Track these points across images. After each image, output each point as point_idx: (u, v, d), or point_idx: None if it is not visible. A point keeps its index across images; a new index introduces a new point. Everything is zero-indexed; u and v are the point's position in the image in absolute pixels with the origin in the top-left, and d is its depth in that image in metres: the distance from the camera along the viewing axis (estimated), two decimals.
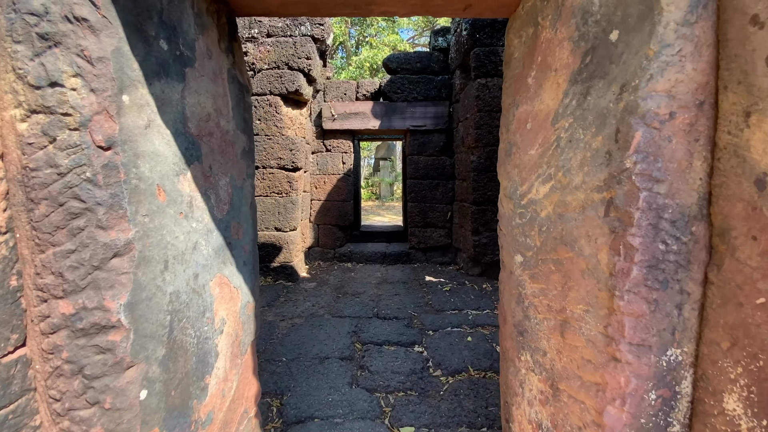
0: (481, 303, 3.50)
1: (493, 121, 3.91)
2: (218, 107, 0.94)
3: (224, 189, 0.95)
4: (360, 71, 12.92)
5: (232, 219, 1.00)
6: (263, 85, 3.97)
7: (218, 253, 0.94)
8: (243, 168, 1.06)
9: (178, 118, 0.79)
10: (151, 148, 0.72)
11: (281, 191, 4.09)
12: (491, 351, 2.58)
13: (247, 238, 1.09)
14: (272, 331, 2.95)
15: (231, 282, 1.00)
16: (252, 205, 1.12)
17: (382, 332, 2.89)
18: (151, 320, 0.71)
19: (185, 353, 0.81)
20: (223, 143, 0.96)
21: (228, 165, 0.98)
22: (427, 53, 4.95)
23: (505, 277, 1.18)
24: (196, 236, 0.84)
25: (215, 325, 0.93)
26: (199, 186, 0.85)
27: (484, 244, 4.08)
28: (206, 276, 0.89)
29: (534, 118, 0.98)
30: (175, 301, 0.78)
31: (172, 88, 0.78)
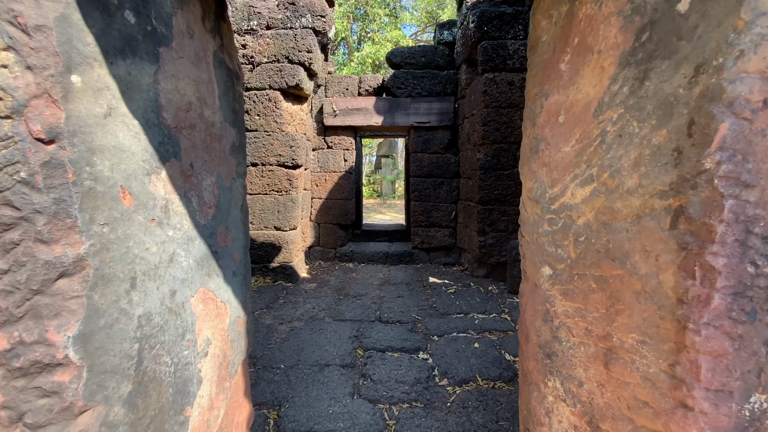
0: (488, 306, 3.37)
1: (500, 118, 3.77)
2: (202, 96, 0.81)
3: (209, 190, 0.82)
4: (362, 67, 12.76)
5: (218, 224, 0.87)
6: (262, 80, 3.83)
7: (201, 264, 0.81)
8: (232, 166, 0.93)
9: (150, 106, 0.66)
10: (113, 141, 0.59)
11: (281, 189, 3.96)
12: (500, 359, 2.46)
13: (237, 245, 0.96)
14: (270, 335, 2.82)
15: (217, 296, 0.88)
16: (243, 208, 0.99)
17: (385, 337, 2.77)
18: (113, 352, 0.59)
19: (159, 385, 0.69)
20: (208, 137, 0.83)
21: (214, 162, 0.85)
22: (432, 47, 4.80)
23: (529, 290, 1.05)
24: (172, 246, 0.71)
25: (198, 348, 0.80)
26: (177, 187, 0.72)
27: (490, 244, 3.95)
28: (186, 292, 0.76)
29: (568, 109, 0.84)
30: (146, 326, 0.65)
31: (142, 71, 0.65)
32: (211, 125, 0.84)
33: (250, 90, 3.87)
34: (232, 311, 0.95)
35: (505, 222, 3.91)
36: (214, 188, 0.85)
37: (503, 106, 3.75)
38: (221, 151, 0.88)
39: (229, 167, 0.91)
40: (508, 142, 3.81)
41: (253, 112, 3.87)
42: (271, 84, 3.83)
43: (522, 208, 1.08)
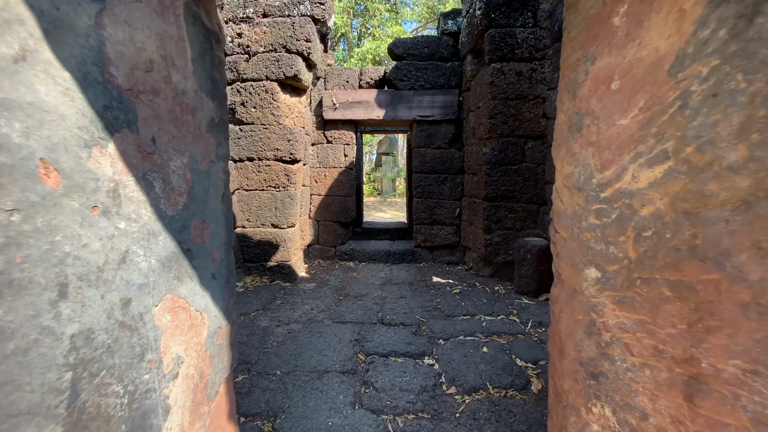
0: (495, 308, 3.21)
1: (508, 110, 3.60)
2: (168, 55, 0.64)
3: (178, 173, 0.66)
4: (362, 63, 12.57)
5: (191, 216, 0.70)
6: (259, 70, 3.66)
7: (168, 265, 0.65)
8: (210, 146, 0.76)
9: (90, 56, 0.50)
10: (28, 96, 0.42)
11: (278, 185, 3.79)
12: (511, 364, 2.30)
13: (218, 242, 0.80)
14: (266, 338, 2.66)
15: (191, 304, 0.71)
16: (225, 198, 0.82)
17: (388, 341, 2.61)
18: (29, 387, 0.42)
19: (106, 423, 0.53)
20: (178, 108, 0.67)
21: (185, 140, 0.69)
22: (436, 38, 4.62)
23: (565, 295, 0.88)
24: (125, 242, 0.55)
25: (164, 369, 0.64)
26: (133, 166, 0.56)
27: (497, 243, 3.78)
28: (146, 301, 0.60)
29: (626, 72, 0.68)
30: (84, 347, 0.49)
31: (78, 7, 0.49)
32: (181, 93, 0.68)
33: (246, 81, 3.70)
34: (211, 321, 0.79)
35: (513, 219, 3.75)
36: (185, 171, 0.68)
37: (511, 97, 3.58)
38: (195, 127, 0.71)
39: (206, 147, 0.74)
40: (516, 136, 3.64)
41: (249, 104, 3.70)
42: (267, 75, 3.66)
43: (556, 198, 0.92)
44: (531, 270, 3.38)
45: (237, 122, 3.74)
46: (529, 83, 3.55)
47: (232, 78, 3.68)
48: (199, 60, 0.72)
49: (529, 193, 3.68)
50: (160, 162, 0.62)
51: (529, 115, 3.59)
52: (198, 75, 0.72)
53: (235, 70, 3.67)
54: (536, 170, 3.65)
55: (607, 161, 0.71)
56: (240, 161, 3.79)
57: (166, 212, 0.64)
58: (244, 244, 3.83)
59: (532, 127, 3.60)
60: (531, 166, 3.66)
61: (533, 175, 3.65)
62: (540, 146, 3.63)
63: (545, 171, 3.64)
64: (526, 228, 3.74)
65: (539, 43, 3.52)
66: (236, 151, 3.76)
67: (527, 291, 3.43)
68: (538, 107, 3.60)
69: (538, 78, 3.55)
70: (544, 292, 3.43)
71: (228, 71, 3.68)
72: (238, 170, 3.79)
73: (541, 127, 3.60)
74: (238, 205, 3.82)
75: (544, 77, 3.56)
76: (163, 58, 0.63)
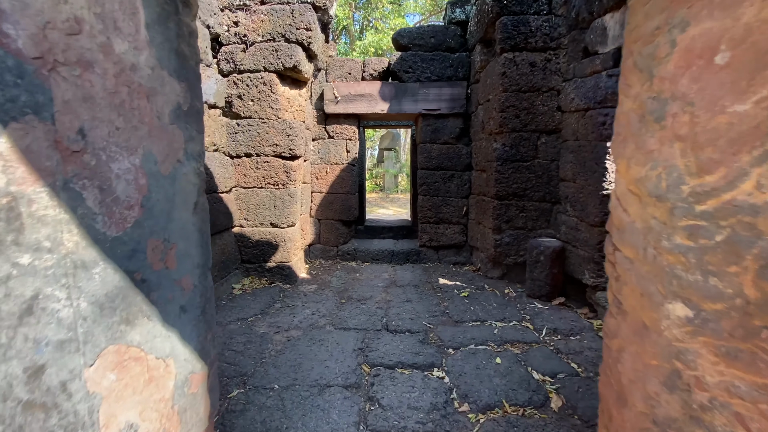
0: (506, 313, 3.04)
1: (521, 103, 3.39)
2: (108, 14, 0.46)
3: (126, 179, 0.49)
4: (364, 57, 12.31)
5: (148, 235, 0.53)
6: (256, 61, 3.46)
7: (111, 306, 0.47)
8: (176, 141, 0.58)
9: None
10: None
11: (277, 182, 3.61)
12: (527, 378, 2.12)
13: (189, 264, 0.62)
14: (264, 346, 2.50)
15: (149, 351, 0.54)
16: (199, 208, 0.64)
17: (394, 350, 2.44)
18: None
19: None
20: (124, 89, 0.49)
21: (138, 133, 0.51)
22: (443, 27, 4.40)
23: (629, 330, 0.70)
24: (31, 284, 0.38)
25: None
26: (45, 172, 0.39)
27: (507, 243, 3.60)
28: (72, 362, 0.42)
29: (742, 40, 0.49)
30: None
31: None
32: (130, 69, 0.50)
33: (243, 72, 3.51)
34: (180, 367, 0.61)
35: (524, 219, 3.56)
36: (137, 176, 0.51)
37: (524, 90, 3.38)
38: (153, 116, 0.53)
39: (169, 142, 0.56)
40: (529, 131, 3.44)
41: (246, 96, 3.51)
42: (266, 66, 3.46)
43: (616, 207, 0.73)
44: (544, 273, 3.20)
45: (234, 116, 3.55)
46: (542, 74, 3.34)
47: (229, 69, 3.49)
48: (157, 26, 0.54)
49: (541, 191, 3.48)
50: (94, 164, 0.44)
51: (543, 109, 3.39)
52: (156, 46, 0.54)
53: (232, 60, 3.48)
54: (549, 167, 3.46)
55: (710, 162, 0.53)
56: (237, 157, 3.61)
57: (106, 233, 0.46)
58: (242, 244, 3.66)
59: (545, 121, 3.40)
60: (544, 162, 3.46)
61: (546, 172, 3.46)
62: (554, 141, 3.43)
63: (559, 168, 3.45)
64: (538, 228, 3.56)
65: (554, 32, 3.31)
66: (233, 147, 3.58)
67: (540, 295, 3.25)
68: (552, 100, 3.39)
69: (552, 69, 3.34)
70: (557, 296, 3.25)
71: (224, 62, 3.49)
72: (236, 167, 3.61)
73: (555, 121, 3.40)
74: (236, 203, 3.64)
75: (559, 68, 3.35)
76: (99, 18, 0.45)
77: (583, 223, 3.04)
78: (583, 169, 3.01)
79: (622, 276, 0.73)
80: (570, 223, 3.24)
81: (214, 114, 3.34)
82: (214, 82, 3.28)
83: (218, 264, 3.28)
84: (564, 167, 3.34)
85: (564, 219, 3.35)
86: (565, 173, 3.31)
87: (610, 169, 2.76)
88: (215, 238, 3.28)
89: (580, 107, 3.04)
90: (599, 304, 2.84)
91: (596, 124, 2.81)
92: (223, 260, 3.37)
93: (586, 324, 2.81)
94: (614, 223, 0.74)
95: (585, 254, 2.99)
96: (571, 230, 3.20)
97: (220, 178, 3.32)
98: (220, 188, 3.32)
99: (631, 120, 0.68)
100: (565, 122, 3.32)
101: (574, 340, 2.60)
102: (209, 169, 3.14)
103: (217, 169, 3.29)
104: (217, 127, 3.39)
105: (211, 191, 3.18)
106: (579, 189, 3.09)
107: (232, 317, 2.93)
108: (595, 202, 2.85)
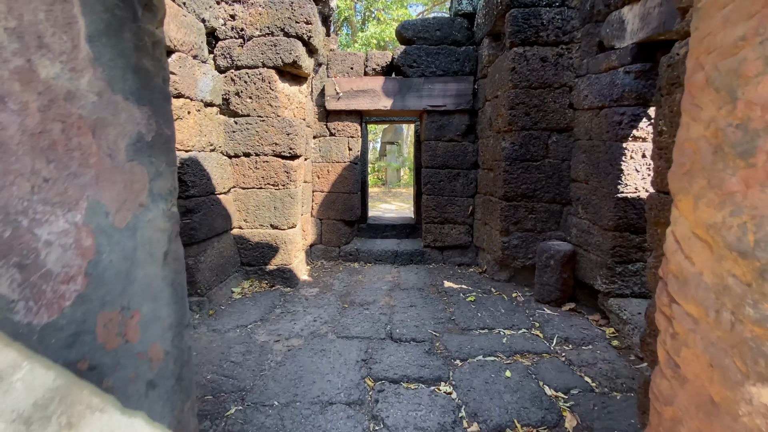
0: (515, 319, 2.93)
1: (531, 100, 3.24)
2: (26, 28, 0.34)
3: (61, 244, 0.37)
4: (366, 49, 12.07)
5: (98, 308, 0.41)
6: (254, 56, 3.32)
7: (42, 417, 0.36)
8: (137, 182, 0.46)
9: None
10: None
11: (277, 183, 3.49)
12: (539, 394, 2.02)
13: (158, 328, 0.51)
14: (264, 357, 2.40)
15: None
16: (170, 257, 0.53)
17: (399, 362, 2.34)
18: None
19: None
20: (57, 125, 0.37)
21: (79, 181, 0.39)
22: (448, 19, 4.23)
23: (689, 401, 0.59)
24: None
25: None
26: None
27: (515, 246, 3.48)
28: None
29: None
30: None
31: None
32: (65, 99, 0.38)
33: (240, 68, 3.36)
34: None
35: (533, 221, 3.43)
36: (79, 237, 0.39)
37: (534, 86, 3.22)
38: (101, 155, 0.41)
39: (126, 185, 0.44)
40: (539, 129, 3.29)
41: (244, 94, 3.37)
42: (264, 61, 3.32)
43: (676, 252, 0.61)
44: (554, 277, 3.09)
45: (232, 114, 3.42)
46: (554, 70, 3.18)
47: (226, 65, 3.35)
48: (105, 39, 0.42)
49: (551, 192, 3.35)
50: (8, 235, 0.33)
51: (554, 106, 3.24)
52: (105, 65, 0.42)
53: (229, 56, 3.33)
54: (560, 167, 3.32)
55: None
56: (236, 156, 3.48)
57: (32, 323, 0.34)
58: (241, 246, 3.55)
59: (557, 119, 3.25)
60: (555, 162, 3.32)
61: (557, 172, 3.32)
62: (565, 140, 3.28)
63: (570, 168, 3.31)
64: (547, 230, 3.43)
65: (567, 25, 3.14)
66: (231, 146, 3.45)
67: (549, 300, 3.14)
68: (564, 97, 3.24)
69: (564, 64, 3.18)
70: (567, 302, 3.14)
71: (221, 57, 3.34)
72: (234, 167, 3.49)
73: (566, 119, 3.25)
74: (235, 204, 3.53)
75: (572, 63, 3.19)
76: (13, 34, 0.33)
77: (595, 227, 2.91)
78: (597, 170, 2.87)
79: (682, 335, 0.60)
80: (581, 226, 3.11)
81: (211, 112, 3.21)
82: (211, 79, 3.15)
83: (217, 268, 3.18)
84: (576, 167, 3.20)
85: (575, 221, 3.22)
86: (577, 174, 3.18)
87: (626, 171, 2.63)
88: (213, 241, 3.17)
89: (594, 105, 2.88)
90: (612, 311, 2.72)
91: (612, 123, 2.66)
92: (222, 263, 3.27)
93: (598, 332, 2.70)
94: (671, 269, 0.62)
95: (597, 259, 2.87)
96: (583, 233, 3.07)
97: (217, 179, 3.20)
98: (217, 189, 3.21)
99: (702, 150, 0.55)
100: (577, 120, 3.17)
101: (586, 350, 2.49)
102: (206, 170, 3.03)
103: (215, 169, 3.17)
104: (214, 125, 3.26)
105: (208, 193, 3.07)
106: (592, 191, 2.95)
107: (231, 324, 2.83)
108: (609, 206, 2.71)
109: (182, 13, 2.70)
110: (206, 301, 2.98)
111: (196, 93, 2.91)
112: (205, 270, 2.98)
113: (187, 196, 2.80)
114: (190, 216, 2.83)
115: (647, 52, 2.47)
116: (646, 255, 2.69)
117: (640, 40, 2.41)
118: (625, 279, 2.71)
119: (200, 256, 2.93)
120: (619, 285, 2.71)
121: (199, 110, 2.96)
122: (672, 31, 2.14)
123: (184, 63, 2.73)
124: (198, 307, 2.91)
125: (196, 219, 2.86)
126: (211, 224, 3.10)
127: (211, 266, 3.09)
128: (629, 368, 2.25)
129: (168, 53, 2.62)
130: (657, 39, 2.33)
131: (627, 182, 2.62)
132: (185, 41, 2.73)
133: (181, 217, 2.81)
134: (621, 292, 2.72)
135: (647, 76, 2.49)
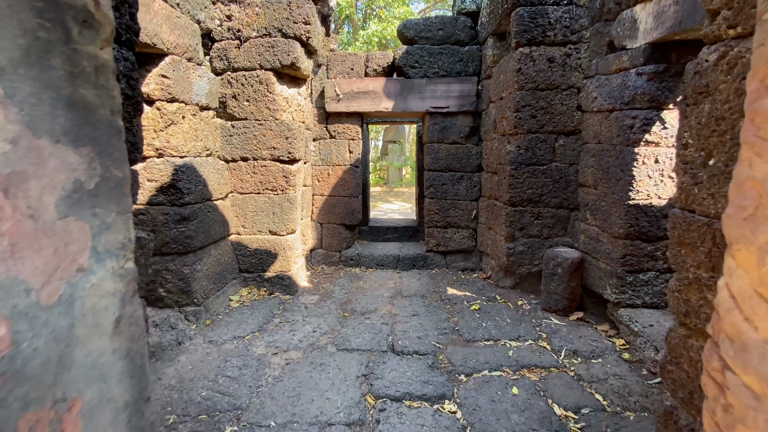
0: (521, 329, 2.83)
1: (537, 102, 3.13)
2: None
3: None
4: (368, 47, 11.93)
5: (19, 411, 0.32)
6: (251, 58, 3.22)
7: None
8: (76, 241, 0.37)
9: None
10: None
11: (276, 188, 3.40)
12: (548, 414, 1.93)
13: (109, 413, 0.40)
14: (261, 371, 2.32)
15: None
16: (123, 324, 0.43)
17: (401, 378, 2.25)
18: None
19: None
20: None
21: None
22: (451, 18, 4.11)
23: None
24: None
25: None
26: None
27: (521, 252, 3.37)
28: None
29: None
30: None
31: None
32: None
33: (237, 70, 3.27)
34: None
35: (539, 226, 3.32)
36: None
37: (541, 87, 3.11)
38: (20, 218, 0.31)
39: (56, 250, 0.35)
40: (546, 132, 3.18)
41: (241, 96, 3.27)
42: (261, 63, 3.22)
43: (730, 309, 0.51)
44: (562, 286, 2.98)
45: (229, 117, 3.33)
46: (562, 71, 3.07)
47: (222, 67, 3.25)
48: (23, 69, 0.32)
49: (558, 197, 3.24)
50: None
51: (561, 108, 3.12)
52: (22, 103, 0.32)
53: (225, 57, 3.23)
54: (567, 171, 3.21)
55: None
56: (233, 161, 3.39)
57: None
58: (239, 252, 3.47)
59: (564, 121, 3.14)
60: (562, 166, 3.21)
61: (564, 176, 3.21)
62: (573, 144, 3.17)
63: (578, 172, 3.20)
64: (554, 236, 3.32)
65: (575, 24, 3.03)
66: (228, 151, 3.36)
67: (556, 309, 3.04)
68: (572, 99, 3.12)
69: (572, 64, 3.07)
70: (575, 311, 3.04)
71: (217, 59, 3.25)
72: (231, 171, 3.40)
73: (574, 122, 3.14)
74: (233, 210, 3.44)
75: (580, 63, 3.07)
76: None
77: (605, 234, 2.80)
78: (606, 175, 2.76)
79: (738, 410, 0.51)
80: (590, 233, 3.00)
81: (207, 116, 3.12)
82: (206, 82, 3.05)
83: (214, 276, 3.10)
84: (584, 172, 3.09)
85: (583, 227, 3.11)
86: (585, 178, 3.07)
87: (638, 177, 2.52)
88: (210, 249, 3.09)
89: (603, 107, 2.77)
90: (622, 322, 2.62)
91: (622, 127, 2.55)
92: (220, 271, 3.19)
93: (608, 344, 2.60)
94: (725, 329, 0.52)
95: (607, 267, 2.76)
96: (591, 240, 2.97)
97: (214, 185, 3.12)
98: (214, 195, 3.12)
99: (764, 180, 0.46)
100: (585, 123, 3.06)
101: (596, 364, 2.39)
102: (202, 176, 2.94)
103: (212, 175, 3.08)
104: (211, 130, 3.17)
105: (204, 199, 2.98)
106: (601, 196, 2.85)
107: (228, 335, 2.75)
108: (619, 212, 2.61)
109: (176, 14, 2.61)
110: (203, 310, 2.90)
111: (190, 97, 2.81)
112: (201, 279, 2.89)
113: (182, 204, 2.71)
114: (186, 224, 2.74)
115: (661, 53, 2.35)
116: (659, 264, 2.59)
117: (654, 40, 2.30)
118: (636, 289, 2.60)
119: (197, 265, 2.85)
120: (630, 295, 2.61)
121: (195, 114, 2.87)
122: (690, 30, 2.03)
123: (178, 66, 2.64)
124: (194, 317, 2.83)
125: (192, 227, 2.77)
126: (208, 231, 3.01)
127: (208, 274, 3.00)
128: (642, 384, 2.15)
129: (161, 56, 2.53)
130: (672, 39, 2.22)
131: (639, 188, 2.51)
132: (179, 43, 2.64)
133: (177, 225, 2.72)
134: (632, 302, 2.62)
135: (661, 78, 2.37)
